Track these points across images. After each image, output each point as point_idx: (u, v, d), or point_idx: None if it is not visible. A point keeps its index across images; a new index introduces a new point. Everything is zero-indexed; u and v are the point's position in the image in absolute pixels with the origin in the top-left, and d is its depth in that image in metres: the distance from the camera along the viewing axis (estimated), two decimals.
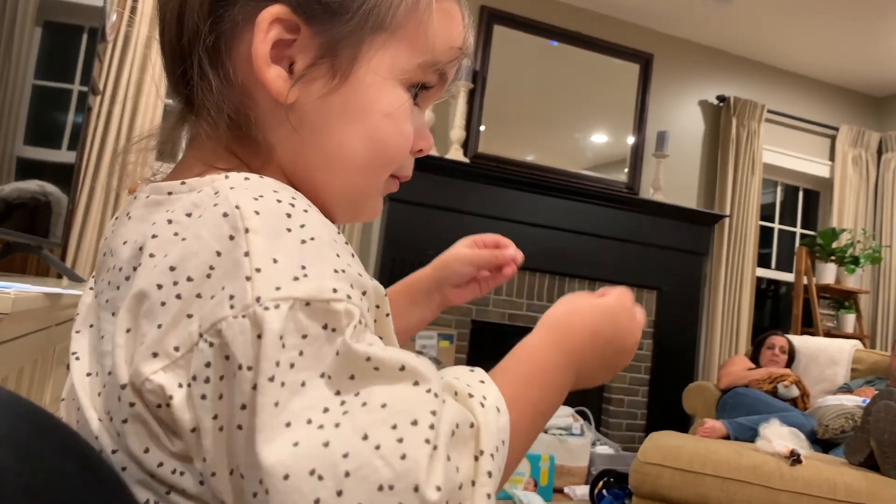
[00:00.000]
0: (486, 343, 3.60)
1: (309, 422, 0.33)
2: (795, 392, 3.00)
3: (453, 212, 3.44)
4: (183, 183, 0.42)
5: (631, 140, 4.02)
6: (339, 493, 0.32)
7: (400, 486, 0.33)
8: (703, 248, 4.07)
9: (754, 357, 3.35)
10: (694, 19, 3.99)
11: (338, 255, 0.38)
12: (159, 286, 0.37)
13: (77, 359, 0.44)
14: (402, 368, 0.37)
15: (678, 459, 2.27)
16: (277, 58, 0.44)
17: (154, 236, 0.39)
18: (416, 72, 0.47)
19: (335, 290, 0.36)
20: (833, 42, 4.07)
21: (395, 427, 0.34)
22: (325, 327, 0.35)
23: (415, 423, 0.35)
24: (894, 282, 4.43)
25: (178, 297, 0.36)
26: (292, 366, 0.34)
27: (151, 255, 0.39)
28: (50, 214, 1.86)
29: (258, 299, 0.34)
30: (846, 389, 3.06)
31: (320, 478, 0.32)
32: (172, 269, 0.37)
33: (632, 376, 3.87)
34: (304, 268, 0.36)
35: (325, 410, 0.34)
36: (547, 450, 3.11)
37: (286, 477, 0.32)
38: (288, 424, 0.33)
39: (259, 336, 0.34)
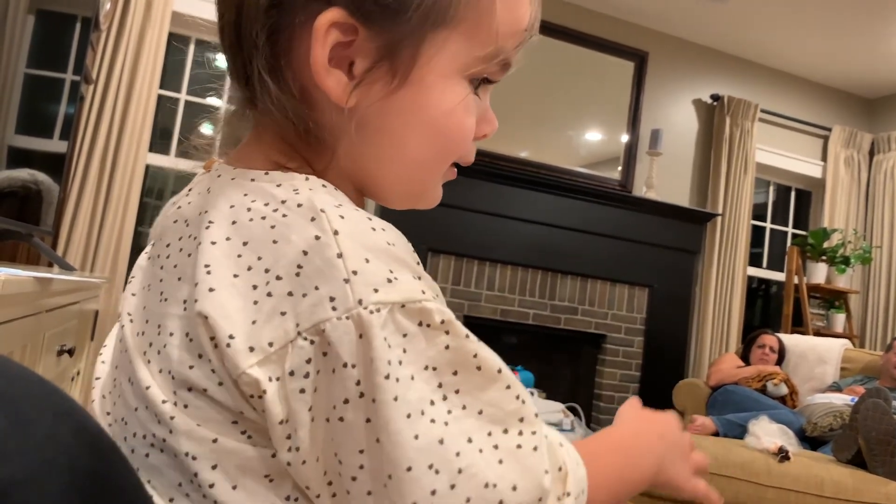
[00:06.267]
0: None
1: (422, 413, 0.37)
2: (784, 390, 3.01)
3: (446, 207, 3.44)
4: (266, 174, 0.44)
5: (625, 138, 4.02)
6: (452, 487, 0.37)
7: (501, 486, 0.38)
8: (694, 247, 4.08)
9: (744, 355, 3.37)
10: (689, 18, 4.00)
11: (415, 262, 0.41)
12: (255, 287, 0.38)
13: (132, 320, 0.46)
14: (500, 371, 0.41)
15: None
16: (336, 60, 0.43)
17: (234, 222, 0.41)
18: (477, 65, 0.46)
19: (423, 292, 0.39)
20: (827, 43, 4.09)
21: (490, 434, 0.39)
22: (420, 324, 0.38)
23: (505, 431, 0.40)
24: (884, 282, 4.45)
25: (270, 294, 0.38)
26: (400, 363, 0.37)
27: (229, 239, 0.40)
28: (41, 203, 1.85)
29: (360, 302, 0.36)
30: (835, 388, 3.08)
31: (437, 472, 0.37)
32: (267, 270, 0.39)
33: (622, 373, 3.88)
34: (391, 270, 0.38)
35: (432, 403, 0.37)
36: None
37: (409, 469, 0.36)
38: (408, 416, 0.36)
39: (361, 336, 0.36)
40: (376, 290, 0.37)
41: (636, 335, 3.92)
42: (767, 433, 2.41)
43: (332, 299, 0.37)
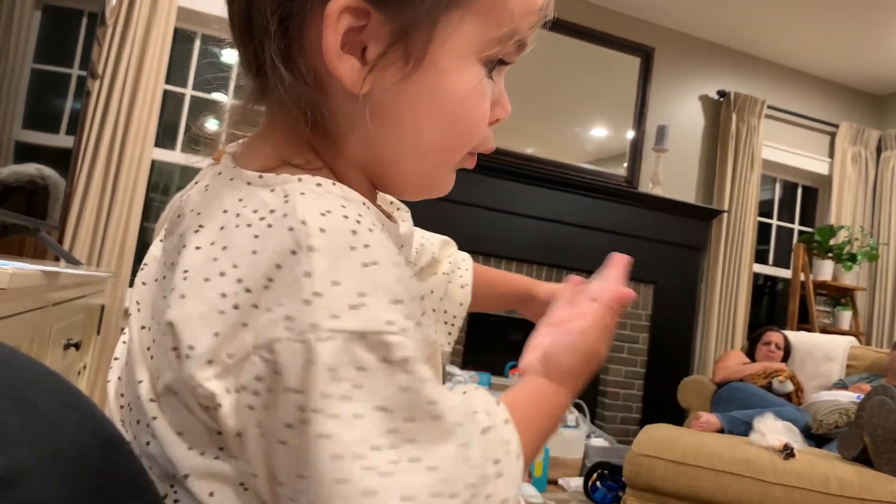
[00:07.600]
0: (483, 334, 3.60)
1: (358, 457, 0.33)
2: (790, 387, 3.01)
3: (451, 203, 3.44)
4: (261, 177, 0.42)
5: (630, 134, 4.01)
6: None
7: None
8: (700, 243, 4.07)
9: (750, 352, 3.36)
10: (695, 14, 3.98)
11: (397, 281, 0.38)
12: (223, 295, 0.37)
13: (139, 310, 0.45)
14: (460, 425, 0.38)
15: (672, 452, 2.28)
16: (349, 45, 0.42)
17: (222, 228, 0.40)
18: (493, 47, 0.45)
19: (390, 322, 0.36)
20: (834, 39, 4.07)
21: (436, 495, 0.35)
22: (382, 360, 0.35)
23: (453, 496, 0.35)
24: (891, 279, 4.44)
25: (236, 307, 0.36)
26: (348, 398, 0.34)
27: (213, 244, 0.39)
28: (47, 198, 1.86)
29: (313, 327, 0.34)
30: (841, 385, 3.07)
31: None
32: (240, 280, 0.37)
33: (627, 370, 3.88)
34: (362, 295, 0.35)
35: (375, 448, 0.34)
36: None
37: None
38: (335, 457, 0.33)
39: (307, 362, 0.34)
40: (335, 317, 0.35)
41: (641, 332, 3.91)
42: (773, 430, 2.41)
43: (288, 318, 0.35)
